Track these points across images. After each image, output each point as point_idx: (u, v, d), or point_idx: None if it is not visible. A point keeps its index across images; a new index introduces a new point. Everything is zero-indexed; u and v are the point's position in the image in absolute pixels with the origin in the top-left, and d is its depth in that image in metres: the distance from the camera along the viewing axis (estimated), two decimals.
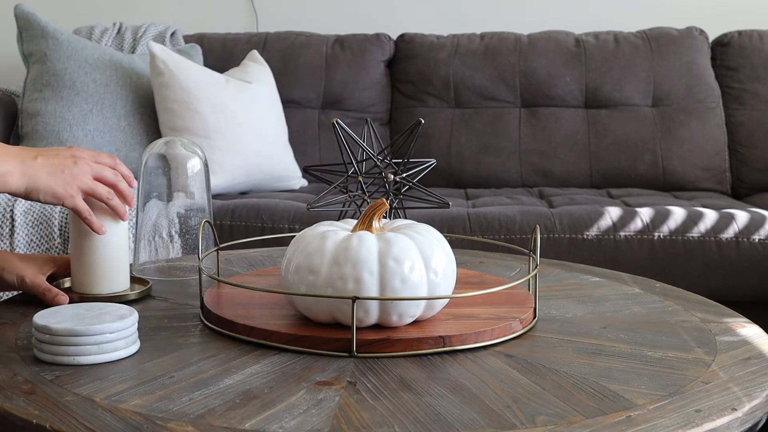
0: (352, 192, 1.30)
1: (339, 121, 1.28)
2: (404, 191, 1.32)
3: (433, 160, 1.37)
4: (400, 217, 1.32)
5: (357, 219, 1.22)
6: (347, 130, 1.27)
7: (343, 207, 1.32)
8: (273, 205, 2.38)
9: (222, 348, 1.05)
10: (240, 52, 2.92)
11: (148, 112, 2.66)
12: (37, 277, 1.25)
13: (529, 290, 1.24)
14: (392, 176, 1.29)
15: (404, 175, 1.30)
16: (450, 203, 1.31)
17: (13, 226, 2.23)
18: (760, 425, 0.95)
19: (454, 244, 1.26)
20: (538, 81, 2.94)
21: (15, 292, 1.28)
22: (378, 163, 1.29)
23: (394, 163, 1.31)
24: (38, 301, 1.22)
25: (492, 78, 2.95)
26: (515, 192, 2.77)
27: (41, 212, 2.26)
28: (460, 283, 1.21)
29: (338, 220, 1.22)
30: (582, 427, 0.84)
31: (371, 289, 1.02)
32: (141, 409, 0.87)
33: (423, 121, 1.32)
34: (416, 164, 1.33)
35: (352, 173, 1.30)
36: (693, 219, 2.29)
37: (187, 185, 1.42)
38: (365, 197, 1.29)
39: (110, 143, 2.56)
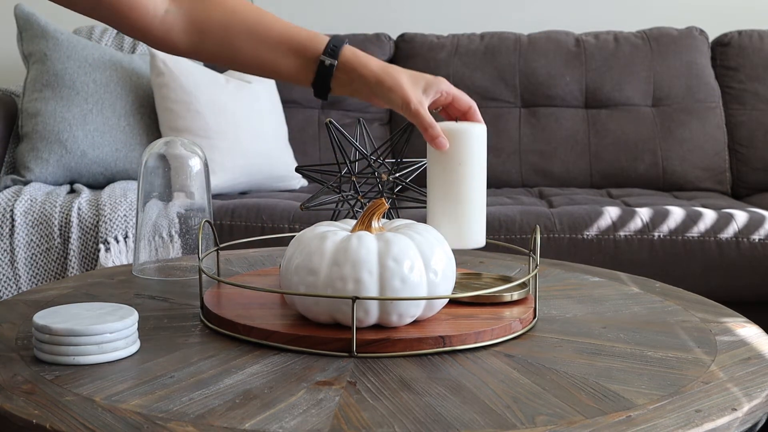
0: (345, 192, 1.30)
1: (332, 121, 1.28)
2: (397, 191, 1.32)
3: (425, 160, 1.37)
4: (393, 217, 1.32)
5: (351, 219, 1.22)
6: (341, 130, 1.27)
7: (336, 206, 1.32)
8: (273, 205, 2.38)
9: (222, 348, 1.05)
10: None
11: (148, 112, 2.66)
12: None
13: (528, 290, 1.24)
14: (386, 176, 1.28)
15: (397, 175, 1.30)
16: None
17: (13, 226, 2.23)
18: (760, 425, 0.95)
19: None
20: (538, 81, 2.94)
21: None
22: (371, 163, 1.29)
23: (388, 163, 1.31)
24: (38, 301, 1.22)
25: (492, 78, 2.95)
26: (515, 192, 2.76)
27: (41, 212, 2.26)
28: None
29: (332, 220, 1.22)
30: (582, 427, 0.84)
31: (371, 289, 1.02)
32: (141, 409, 0.87)
33: None
34: (409, 164, 1.33)
35: (345, 173, 1.30)
36: (693, 219, 2.29)
37: (187, 185, 1.42)
38: (358, 197, 1.29)
39: (110, 143, 2.56)
